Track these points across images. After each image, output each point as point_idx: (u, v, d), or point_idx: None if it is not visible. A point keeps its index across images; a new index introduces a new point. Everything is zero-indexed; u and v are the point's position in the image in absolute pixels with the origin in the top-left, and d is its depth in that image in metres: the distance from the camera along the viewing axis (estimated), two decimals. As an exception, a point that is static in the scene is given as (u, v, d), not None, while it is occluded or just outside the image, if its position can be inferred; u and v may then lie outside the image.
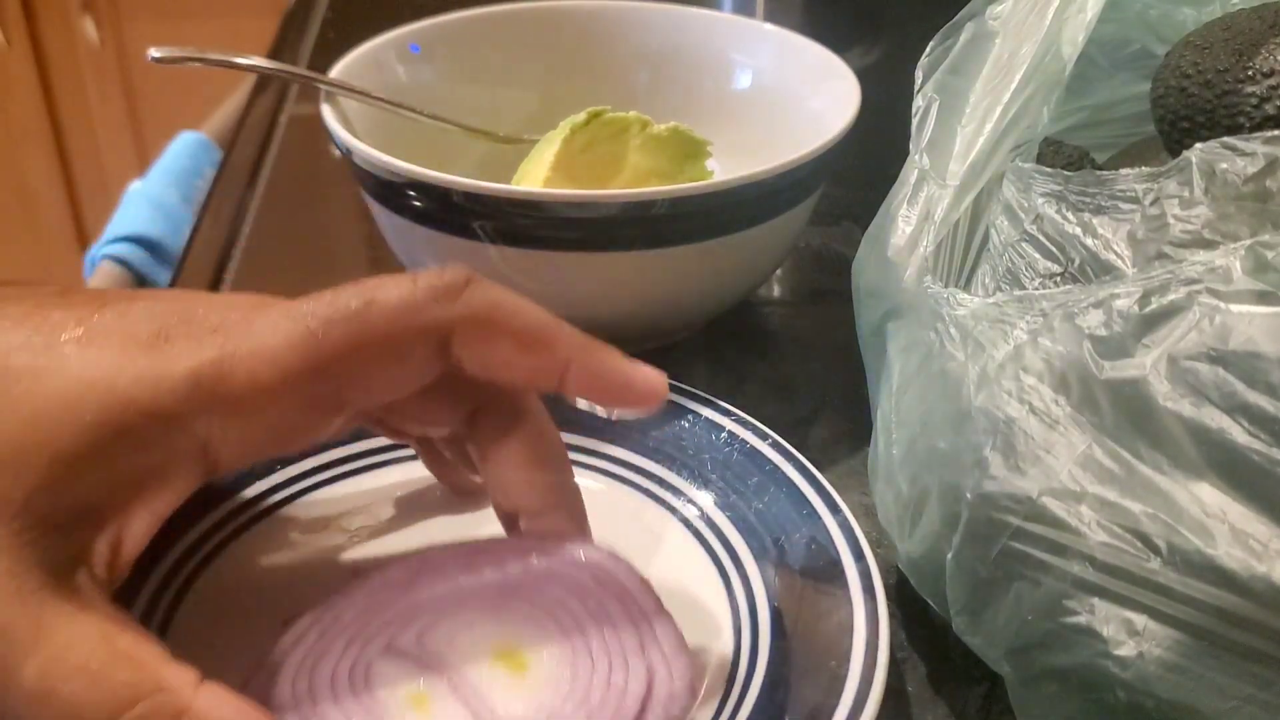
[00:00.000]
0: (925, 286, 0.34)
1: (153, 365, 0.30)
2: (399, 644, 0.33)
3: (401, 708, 0.32)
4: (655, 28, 0.59)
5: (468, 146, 0.56)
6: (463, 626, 0.33)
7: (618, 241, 0.45)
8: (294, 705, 0.31)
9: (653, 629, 0.34)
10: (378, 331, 0.32)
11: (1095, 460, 0.28)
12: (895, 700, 0.36)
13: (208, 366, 0.30)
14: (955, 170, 0.35)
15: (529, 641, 0.33)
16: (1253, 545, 0.26)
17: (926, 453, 0.32)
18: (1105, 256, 0.32)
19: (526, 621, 0.34)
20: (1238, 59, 0.36)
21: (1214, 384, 0.27)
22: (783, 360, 0.52)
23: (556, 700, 0.32)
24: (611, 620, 0.34)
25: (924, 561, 0.34)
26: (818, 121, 0.50)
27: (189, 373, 0.30)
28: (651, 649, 0.33)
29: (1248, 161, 0.30)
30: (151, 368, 0.30)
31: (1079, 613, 0.28)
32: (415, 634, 0.33)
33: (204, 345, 0.30)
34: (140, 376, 0.30)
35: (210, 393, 0.30)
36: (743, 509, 0.40)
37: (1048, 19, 0.35)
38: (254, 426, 0.31)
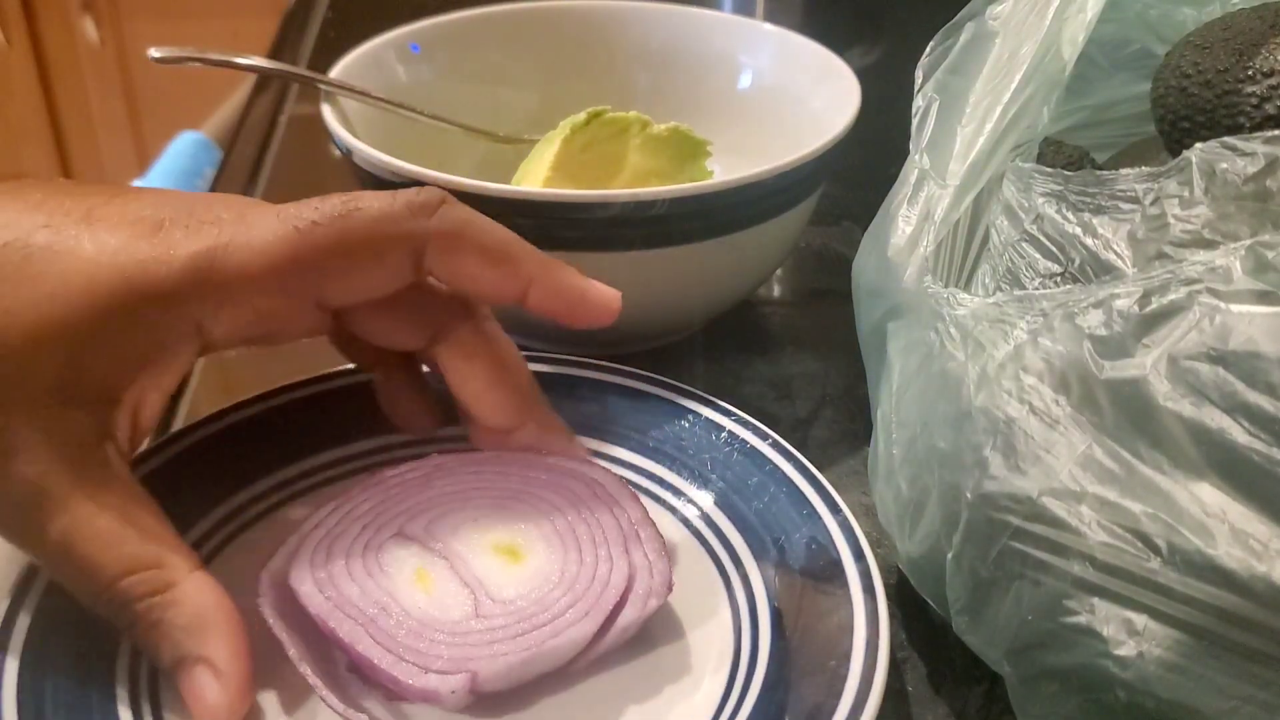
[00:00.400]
0: (925, 286, 0.34)
1: (155, 250, 0.33)
2: (409, 530, 0.37)
3: (407, 581, 0.35)
4: (655, 28, 0.59)
5: (468, 146, 0.56)
6: (467, 520, 0.37)
7: (618, 241, 0.45)
8: (312, 574, 0.35)
9: (637, 534, 0.37)
10: (358, 235, 0.35)
11: (1095, 460, 0.28)
12: (895, 700, 0.36)
13: (204, 254, 0.33)
14: (955, 170, 0.35)
15: (525, 538, 0.37)
16: (1253, 545, 0.26)
17: (927, 452, 0.32)
18: (1105, 256, 0.32)
19: (524, 521, 0.37)
20: (1238, 59, 0.36)
21: (1214, 384, 0.27)
22: (783, 360, 0.52)
23: (545, 587, 0.35)
24: (601, 525, 0.37)
25: (924, 561, 0.34)
26: (818, 121, 0.50)
27: (188, 257, 0.33)
28: (635, 551, 0.36)
29: (1248, 161, 0.30)
30: (154, 252, 0.33)
31: (1079, 613, 0.28)
32: (424, 524, 0.37)
33: (202, 235, 0.33)
34: (144, 260, 0.33)
35: (205, 277, 0.33)
36: (743, 509, 0.40)
37: (1048, 19, 0.35)
38: (242, 311, 0.34)
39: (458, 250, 0.36)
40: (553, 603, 0.35)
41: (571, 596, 0.35)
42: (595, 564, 0.36)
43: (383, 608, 0.34)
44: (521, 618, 0.34)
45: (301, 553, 0.36)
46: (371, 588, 0.35)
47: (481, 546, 0.36)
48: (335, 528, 0.37)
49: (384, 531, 0.37)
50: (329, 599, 0.34)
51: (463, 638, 0.34)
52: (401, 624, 0.34)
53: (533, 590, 0.35)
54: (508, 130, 0.57)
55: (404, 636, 0.33)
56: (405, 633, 0.34)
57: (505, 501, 0.38)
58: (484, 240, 0.37)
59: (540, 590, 0.35)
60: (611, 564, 0.36)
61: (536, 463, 0.39)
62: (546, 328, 0.49)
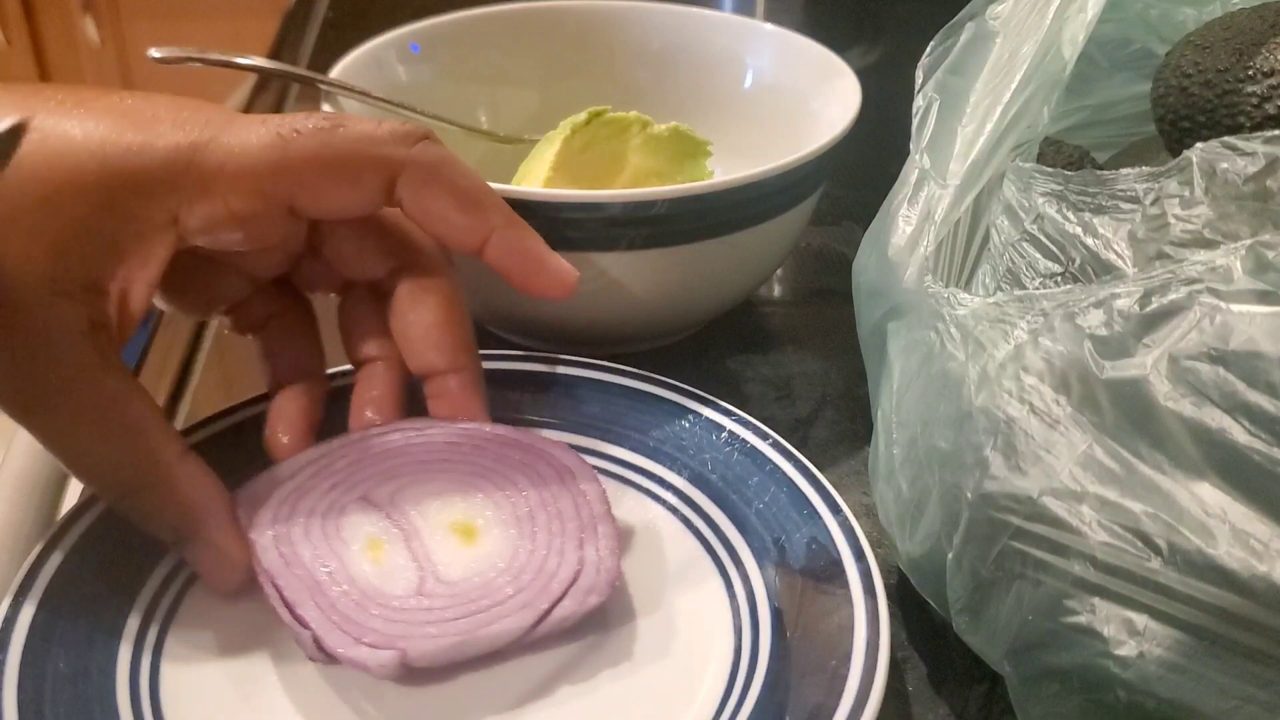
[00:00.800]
0: (926, 286, 0.34)
1: (139, 140, 0.34)
2: (374, 496, 0.38)
3: (359, 547, 0.36)
4: (656, 27, 0.59)
5: (468, 146, 0.56)
6: (432, 494, 0.38)
7: (618, 241, 0.45)
8: (272, 528, 0.36)
9: (595, 528, 0.37)
10: (337, 150, 0.36)
11: (1096, 460, 0.28)
12: (896, 700, 0.36)
13: (186, 147, 0.34)
14: (956, 170, 0.35)
15: (484, 519, 0.37)
16: (1253, 545, 0.26)
17: (927, 452, 0.32)
18: (1106, 256, 0.32)
19: (488, 501, 0.38)
20: (1238, 58, 0.36)
21: (1215, 384, 0.27)
22: (783, 360, 0.52)
23: (491, 573, 0.36)
24: (560, 515, 0.37)
25: (924, 561, 0.34)
26: (818, 121, 0.50)
27: (171, 148, 0.34)
28: (589, 545, 0.37)
29: (1248, 161, 0.30)
30: (138, 141, 0.34)
31: (1079, 612, 0.28)
32: (391, 491, 0.38)
33: (187, 129, 0.35)
34: (129, 148, 0.34)
35: (184, 170, 0.34)
36: (743, 509, 0.40)
37: (1048, 19, 0.35)
38: (217, 208, 0.35)
39: (430, 185, 0.38)
40: (496, 589, 0.35)
41: (515, 586, 0.35)
42: (546, 555, 0.36)
43: (331, 573, 0.35)
44: (462, 601, 0.35)
45: (269, 503, 0.37)
46: (325, 551, 0.36)
47: (440, 523, 0.37)
48: (307, 482, 0.38)
49: (351, 493, 0.38)
50: (282, 556, 0.35)
51: (400, 614, 0.34)
52: (346, 593, 0.34)
53: (479, 574, 0.36)
54: (508, 130, 0.57)
55: (344, 605, 0.34)
56: (346, 602, 0.34)
57: (474, 478, 0.38)
58: (457, 181, 0.38)
59: (486, 575, 0.35)
60: (562, 557, 0.36)
61: (513, 442, 0.40)
62: (547, 328, 0.49)
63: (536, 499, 0.38)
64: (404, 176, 0.37)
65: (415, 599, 0.35)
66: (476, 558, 0.36)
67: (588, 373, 0.44)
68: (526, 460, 0.39)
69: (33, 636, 0.34)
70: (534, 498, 0.38)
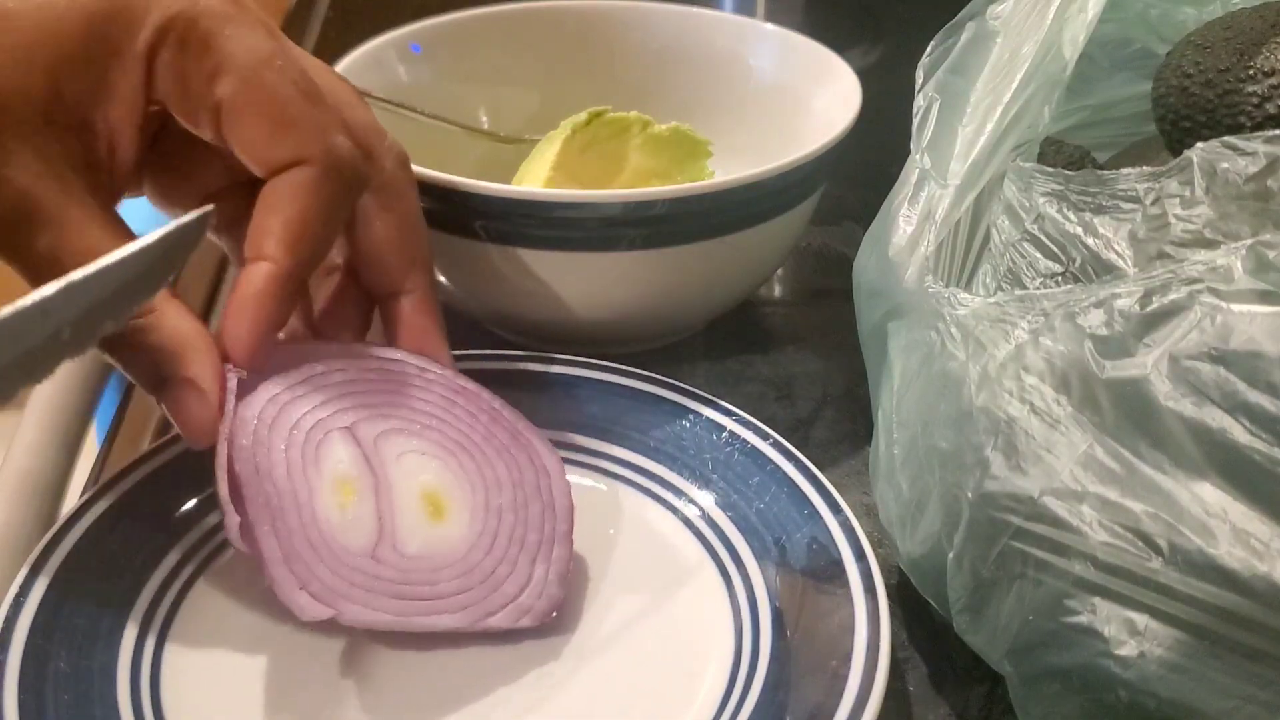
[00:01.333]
0: (926, 286, 0.34)
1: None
2: (359, 432, 0.37)
3: (330, 485, 0.35)
4: (656, 27, 0.59)
5: (468, 146, 0.56)
6: (415, 451, 0.37)
7: (618, 241, 0.45)
8: (255, 429, 0.35)
9: (551, 549, 0.37)
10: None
11: (1096, 460, 0.28)
12: (896, 700, 0.36)
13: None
14: (956, 170, 0.35)
15: (455, 498, 0.37)
16: (1254, 545, 0.26)
17: (928, 452, 0.32)
18: (1106, 256, 0.32)
19: (465, 481, 0.37)
20: (1239, 58, 0.36)
21: (1215, 383, 0.26)
22: (784, 360, 0.52)
23: (444, 561, 0.35)
24: (527, 523, 0.37)
25: (925, 561, 0.34)
26: (819, 121, 0.50)
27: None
28: (540, 564, 0.37)
29: (1249, 161, 0.30)
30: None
31: (1080, 612, 0.28)
32: (376, 433, 0.37)
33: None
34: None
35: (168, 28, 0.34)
36: (744, 509, 0.40)
37: (1048, 18, 0.35)
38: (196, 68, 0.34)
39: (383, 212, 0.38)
40: (442, 581, 0.35)
41: (462, 585, 0.35)
42: (499, 562, 0.36)
43: (298, 504, 0.34)
44: (408, 581, 0.35)
45: (257, 396, 0.36)
46: (298, 476, 0.35)
47: (413, 486, 0.36)
48: (300, 385, 0.37)
49: (339, 418, 0.37)
50: (257, 467, 0.35)
51: (347, 573, 0.34)
52: (305, 530, 0.34)
53: (433, 558, 0.35)
54: (509, 130, 0.57)
55: (299, 543, 0.34)
56: (302, 540, 0.34)
57: (459, 449, 0.38)
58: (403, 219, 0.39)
59: (437, 562, 0.35)
60: (514, 568, 0.36)
61: (506, 423, 0.39)
62: (547, 328, 0.49)
63: (509, 498, 0.37)
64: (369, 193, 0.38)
65: (367, 560, 0.35)
66: (436, 538, 0.36)
67: (588, 373, 0.44)
68: (512, 448, 0.38)
69: (34, 636, 0.34)
70: (508, 495, 0.37)
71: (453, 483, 0.37)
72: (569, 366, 0.45)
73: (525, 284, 0.46)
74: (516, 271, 0.46)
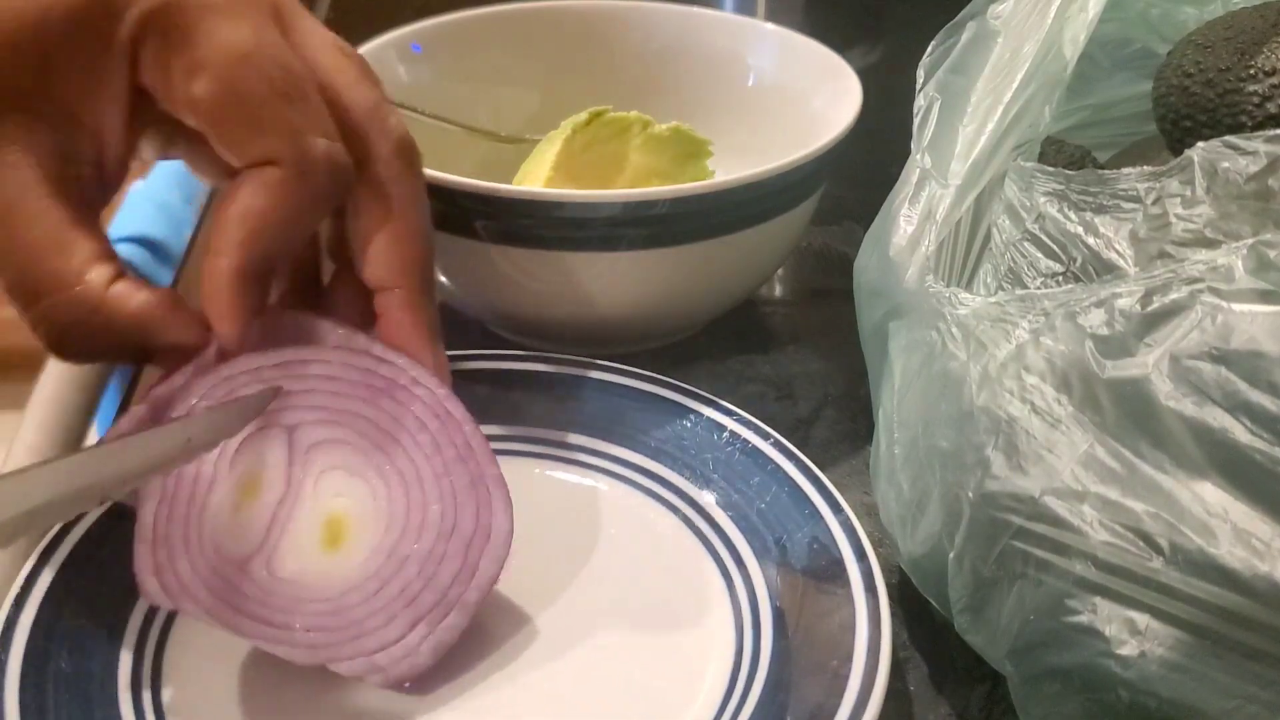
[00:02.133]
0: (927, 286, 0.34)
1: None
2: (297, 435, 0.35)
3: (235, 479, 0.34)
4: (657, 27, 0.59)
5: (469, 146, 0.56)
6: (345, 470, 0.35)
7: (619, 241, 0.45)
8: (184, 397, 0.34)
9: (444, 618, 0.34)
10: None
11: (1097, 459, 0.28)
12: (897, 700, 0.36)
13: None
14: (957, 170, 0.35)
15: (362, 534, 0.35)
16: (1255, 544, 0.26)
17: (928, 452, 0.32)
18: (1107, 255, 0.32)
19: (384, 514, 0.35)
20: (1240, 58, 0.36)
21: (1216, 383, 0.26)
22: (784, 360, 0.52)
23: (309, 595, 0.34)
24: (431, 580, 0.34)
25: (926, 561, 0.34)
26: (819, 121, 0.50)
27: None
28: (422, 627, 0.34)
29: (1250, 160, 0.30)
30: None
31: (1081, 612, 0.28)
32: (314, 442, 0.35)
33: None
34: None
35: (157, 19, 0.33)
36: (745, 508, 0.40)
37: (1049, 18, 0.35)
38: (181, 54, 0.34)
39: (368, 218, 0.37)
40: (300, 614, 0.33)
41: (319, 623, 0.34)
42: (373, 613, 0.34)
43: (193, 493, 0.34)
44: (265, 603, 0.33)
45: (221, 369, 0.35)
46: (208, 464, 0.34)
47: (320, 509, 0.35)
48: (270, 369, 0.35)
49: (286, 415, 0.35)
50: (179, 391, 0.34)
51: (206, 575, 0.33)
52: (186, 522, 0.33)
53: (299, 590, 0.34)
54: (509, 130, 0.57)
55: (175, 531, 0.33)
56: (179, 530, 0.33)
57: (396, 480, 0.35)
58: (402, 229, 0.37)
59: (303, 596, 0.34)
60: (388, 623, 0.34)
61: (472, 465, 0.36)
62: (548, 328, 0.49)
63: (426, 548, 0.35)
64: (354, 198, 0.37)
65: (234, 569, 0.33)
66: (317, 569, 0.34)
67: (588, 373, 0.44)
68: (460, 495, 0.35)
69: (35, 637, 0.34)
70: (426, 544, 0.35)
71: (367, 515, 0.35)
72: (569, 366, 0.45)
73: (525, 284, 0.46)
74: (516, 271, 0.46)
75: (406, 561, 0.34)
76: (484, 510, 0.35)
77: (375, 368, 0.36)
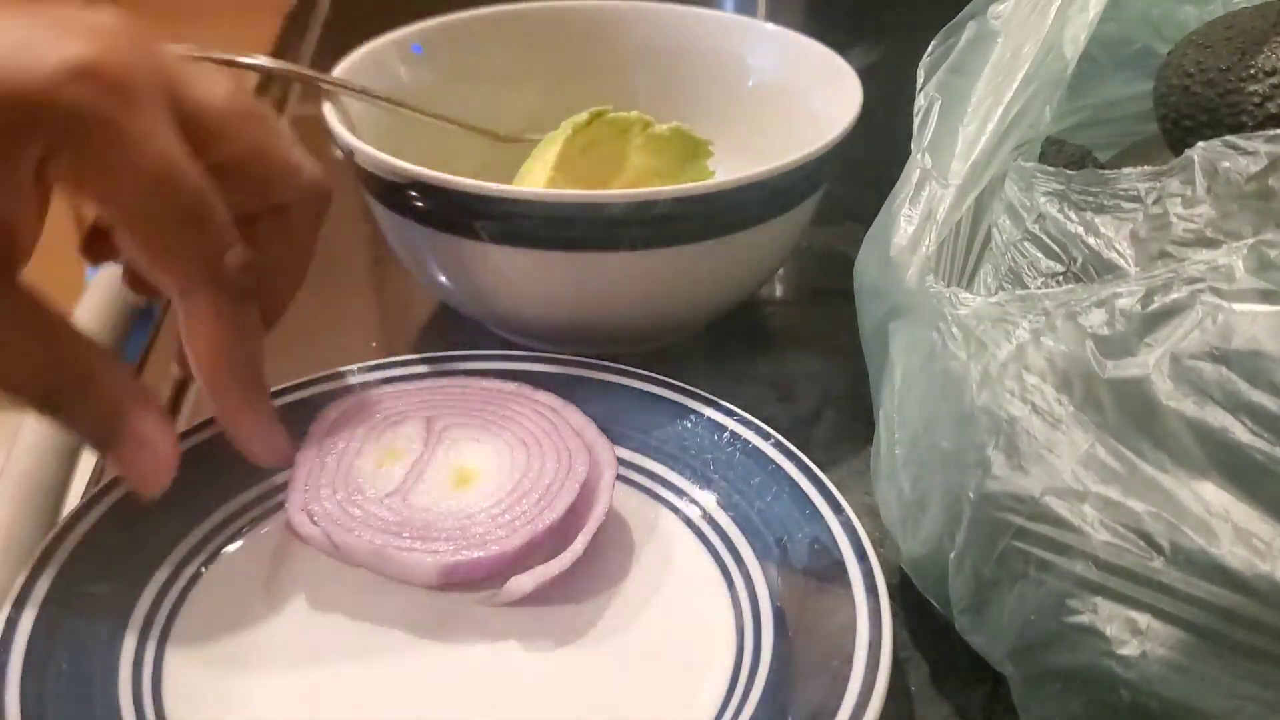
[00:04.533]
0: (927, 286, 0.34)
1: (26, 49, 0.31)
2: (434, 423, 0.41)
3: (379, 448, 0.40)
4: (657, 27, 0.59)
5: (469, 146, 0.56)
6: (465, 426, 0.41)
7: (619, 241, 0.45)
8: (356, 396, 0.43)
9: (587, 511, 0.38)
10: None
11: (1098, 459, 0.28)
12: (898, 700, 0.36)
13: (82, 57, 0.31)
14: (957, 170, 0.35)
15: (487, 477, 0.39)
16: (1256, 544, 0.26)
17: (929, 452, 0.32)
18: (1108, 255, 0.32)
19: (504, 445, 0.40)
20: (1240, 57, 0.36)
21: (1217, 383, 0.26)
22: (785, 360, 0.52)
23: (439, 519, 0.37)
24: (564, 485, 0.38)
25: (927, 561, 0.34)
26: (819, 121, 0.50)
27: (59, 61, 0.31)
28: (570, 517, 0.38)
29: (1250, 160, 0.30)
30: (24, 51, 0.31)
31: (1082, 612, 0.28)
32: (447, 425, 0.41)
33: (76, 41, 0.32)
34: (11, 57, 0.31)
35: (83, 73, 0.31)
36: (745, 509, 0.40)
37: (1049, 18, 0.35)
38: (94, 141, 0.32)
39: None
40: (423, 536, 0.37)
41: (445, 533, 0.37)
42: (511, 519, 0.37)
43: (342, 456, 0.39)
44: (401, 523, 0.37)
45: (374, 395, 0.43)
46: (356, 439, 0.40)
47: (451, 460, 0.40)
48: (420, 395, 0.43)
49: (425, 410, 0.42)
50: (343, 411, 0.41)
51: (349, 506, 0.38)
52: (334, 473, 0.39)
53: (431, 514, 0.38)
54: (509, 130, 0.57)
55: (324, 479, 0.38)
56: (329, 479, 0.39)
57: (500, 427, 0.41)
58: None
59: (432, 518, 0.37)
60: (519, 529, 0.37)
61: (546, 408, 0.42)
62: (547, 328, 0.49)
63: (548, 477, 0.39)
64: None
65: (374, 502, 0.38)
66: (448, 500, 0.38)
67: (588, 373, 0.44)
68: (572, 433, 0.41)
69: (36, 637, 0.34)
70: (546, 476, 0.39)
71: (491, 465, 0.40)
72: (569, 366, 0.45)
73: (525, 284, 0.46)
74: (516, 271, 0.46)
75: (528, 493, 0.38)
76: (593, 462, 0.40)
77: (497, 386, 0.43)
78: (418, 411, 0.41)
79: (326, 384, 0.44)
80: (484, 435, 0.41)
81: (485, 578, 0.37)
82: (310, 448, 0.40)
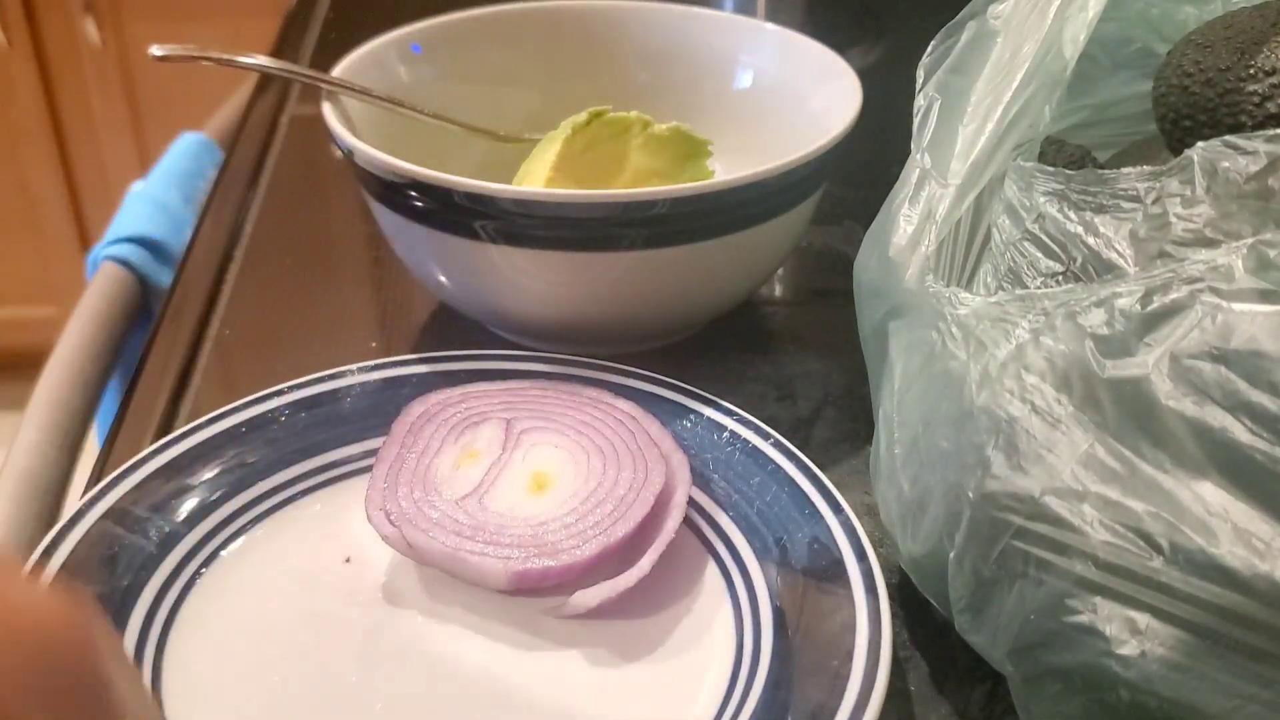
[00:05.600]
0: (927, 286, 0.34)
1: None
2: (513, 425, 0.42)
3: (456, 449, 0.41)
4: (656, 27, 0.59)
5: (469, 146, 0.56)
6: (544, 430, 0.42)
7: (619, 241, 0.45)
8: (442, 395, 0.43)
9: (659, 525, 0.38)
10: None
11: (1097, 459, 0.28)
12: (898, 700, 0.36)
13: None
14: (957, 169, 0.35)
15: (564, 483, 0.40)
16: (1255, 544, 0.26)
17: (928, 452, 0.32)
18: (1107, 255, 0.32)
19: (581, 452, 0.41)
20: (1239, 57, 0.36)
21: (1216, 383, 0.26)
22: (784, 360, 0.52)
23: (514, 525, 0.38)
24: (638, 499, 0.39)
25: (926, 561, 0.34)
26: (819, 121, 0.50)
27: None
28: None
29: (1249, 160, 0.30)
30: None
31: (1081, 612, 0.28)
32: (526, 428, 0.42)
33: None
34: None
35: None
36: (745, 508, 0.40)
37: (1049, 18, 0.35)
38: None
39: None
40: (499, 540, 0.37)
41: (517, 539, 0.37)
42: (584, 529, 0.38)
43: (421, 456, 0.40)
44: (476, 526, 0.38)
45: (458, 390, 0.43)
46: (435, 440, 0.41)
47: (529, 465, 0.40)
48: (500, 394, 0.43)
49: (505, 412, 0.42)
50: (426, 409, 0.42)
51: (425, 508, 0.38)
52: (412, 473, 0.39)
53: (507, 519, 0.38)
54: (509, 130, 0.57)
55: (402, 479, 0.39)
56: (406, 479, 0.39)
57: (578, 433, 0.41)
58: None
59: (507, 523, 0.38)
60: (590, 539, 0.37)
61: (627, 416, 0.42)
62: (547, 328, 0.49)
63: (622, 488, 0.39)
64: None
65: (450, 504, 0.38)
66: (521, 505, 0.39)
67: (589, 373, 0.44)
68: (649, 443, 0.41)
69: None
70: (621, 486, 0.39)
71: (568, 473, 0.40)
72: (569, 366, 0.45)
73: (525, 284, 0.46)
74: (516, 271, 0.46)
75: (602, 502, 0.39)
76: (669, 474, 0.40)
77: (579, 391, 0.43)
78: (499, 413, 0.42)
79: (327, 383, 0.44)
80: (562, 441, 0.41)
81: (555, 585, 0.37)
82: (392, 444, 0.41)
